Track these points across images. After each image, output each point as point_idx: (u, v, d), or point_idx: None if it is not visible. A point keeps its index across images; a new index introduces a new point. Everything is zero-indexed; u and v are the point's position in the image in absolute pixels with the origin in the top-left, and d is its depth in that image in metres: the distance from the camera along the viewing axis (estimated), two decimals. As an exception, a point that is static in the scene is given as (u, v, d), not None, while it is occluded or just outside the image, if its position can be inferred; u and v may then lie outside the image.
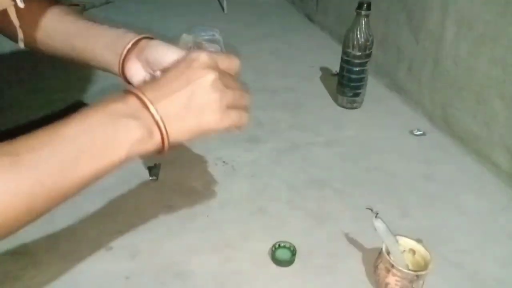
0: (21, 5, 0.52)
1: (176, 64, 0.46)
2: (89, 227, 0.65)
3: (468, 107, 0.85)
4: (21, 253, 0.60)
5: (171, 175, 0.78)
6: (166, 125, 0.43)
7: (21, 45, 0.60)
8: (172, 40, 1.07)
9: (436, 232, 0.67)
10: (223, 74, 0.46)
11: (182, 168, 0.80)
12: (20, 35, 0.59)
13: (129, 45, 0.55)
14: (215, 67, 0.46)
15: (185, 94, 0.44)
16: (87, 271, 0.58)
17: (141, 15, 1.62)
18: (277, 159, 0.83)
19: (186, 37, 1.12)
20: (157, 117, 0.42)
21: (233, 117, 0.47)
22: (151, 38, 0.57)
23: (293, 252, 0.61)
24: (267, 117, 0.97)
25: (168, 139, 0.44)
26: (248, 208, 0.71)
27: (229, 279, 0.58)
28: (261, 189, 0.75)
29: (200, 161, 0.82)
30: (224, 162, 0.82)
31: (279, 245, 0.62)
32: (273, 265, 0.60)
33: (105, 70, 0.60)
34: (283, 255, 0.61)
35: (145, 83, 0.46)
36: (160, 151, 0.44)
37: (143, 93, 0.43)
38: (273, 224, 0.68)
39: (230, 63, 0.48)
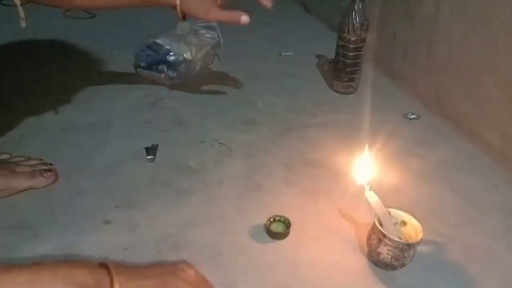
0: None
1: (162, 265, 0.46)
2: (87, 202, 0.67)
3: (461, 88, 0.86)
4: (21, 226, 0.61)
5: (168, 156, 0.79)
6: None
7: (23, 24, 0.61)
8: (169, 27, 1.09)
9: (429, 207, 0.68)
10: None
11: (179, 149, 0.81)
12: (21, 14, 0.60)
13: None
14: (195, 285, 0.45)
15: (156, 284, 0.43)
16: (85, 244, 0.59)
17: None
18: (273, 140, 0.84)
19: (183, 25, 1.13)
20: None
21: None
22: None
23: (288, 226, 0.62)
24: (264, 101, 0.98)
25: None
26: (245, 184, 0.72)
27: (225, 249, 0.59)
28: (257, 167, 0.76)
29: (196, 142, 0.83)
30: (220, 143, 0.83)
31: (274, 219, 0.63)
32: (268, 238, 0.62)
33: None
34: (278, 228, 0.62)
35: (124, 265, 0.43)
36: None
37: (117, 272, 0.40)
38: (268, 199, 0.69)
39: None
